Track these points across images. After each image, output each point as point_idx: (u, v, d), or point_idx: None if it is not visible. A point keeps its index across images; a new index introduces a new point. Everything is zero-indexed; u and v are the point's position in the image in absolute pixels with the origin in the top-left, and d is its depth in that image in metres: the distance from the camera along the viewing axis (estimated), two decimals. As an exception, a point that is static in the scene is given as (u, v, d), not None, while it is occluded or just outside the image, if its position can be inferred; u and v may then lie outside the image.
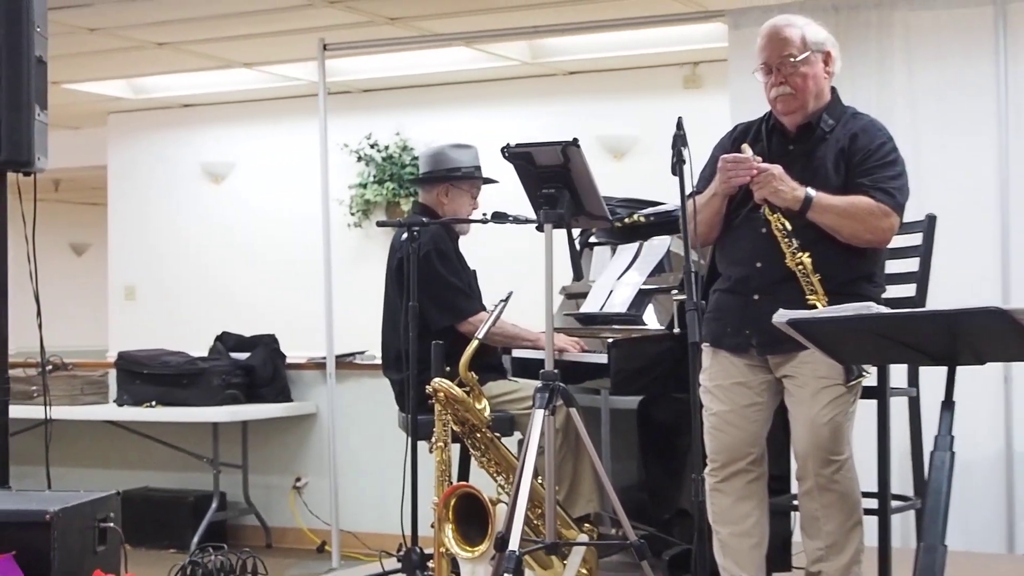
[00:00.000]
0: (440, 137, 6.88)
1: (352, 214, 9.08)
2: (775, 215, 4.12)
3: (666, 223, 5.23)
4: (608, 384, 5.16)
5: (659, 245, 5.30)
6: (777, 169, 4.14)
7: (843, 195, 4.18)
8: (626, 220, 5.38)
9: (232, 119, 9.74)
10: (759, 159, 4.16)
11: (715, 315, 4.32)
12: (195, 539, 7.70)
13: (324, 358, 7.59)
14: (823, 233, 4.14)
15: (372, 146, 9.07)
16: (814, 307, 3.96)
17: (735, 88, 6.48)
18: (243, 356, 8.37)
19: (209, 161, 9.73)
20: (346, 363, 7.83)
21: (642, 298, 5.20)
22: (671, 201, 3.86)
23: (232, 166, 9.73)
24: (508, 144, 4.22)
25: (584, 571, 4.34)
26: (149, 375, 8.24)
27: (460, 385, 4.43)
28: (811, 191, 4.13)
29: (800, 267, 4.07)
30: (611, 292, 5.31)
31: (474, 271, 5.61)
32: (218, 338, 8.55)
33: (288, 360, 8.48)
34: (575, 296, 5.68)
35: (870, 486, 4.37)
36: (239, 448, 8.48)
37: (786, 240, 4.09)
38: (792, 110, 4.30)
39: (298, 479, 8.51)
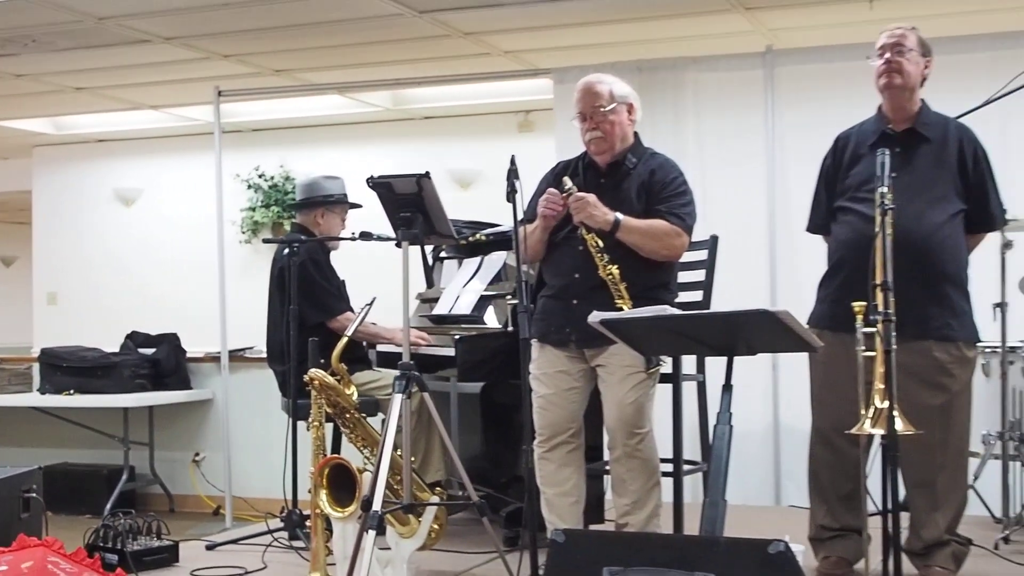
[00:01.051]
0: (316, 169, 6.89)
1: (243, 232, 8.97)
2: (590, 235, 4.17)
3: (502, 241, 5.28)
4: (456, 373, 5.17)
5: (497, 259, 5.35)
6: (591, 197, 4.19)
7: (645, 219, 4.26)
8: (470, 239, 5.40)
9: (141, 152, 9.57)
10: (576, 189, 4.22)
11: (542, 316, 4.35)
12: (108, 506, 7.65)
13: (219, 352, 7.51)
14: (629, 249, 4.19)
15: (260, 176, 8.98)
16: (621, 309, 4.02)
17: (559, 132, 6.56)
18: (150, 351, 8.38)
19: (121, 187, 9.56)
20: (237, 356, 7.80)
21: (483, 302, 5.23)
22: (506, 223, 3.90)
23: (141, 191, 9.57)
24: (372, 176, 4.22)
25: (436, 527, 4.34)
26: (68, 367, 8.22)
27: (332, 375, 4.41)
28: (619, 215, 4.18)
29: (610, 277, 4.12)
30: (458, 297, 5.33)
31: (343, 280, 5.61)
32: (128, 336, 8.52)
33: (188, 354, 8.46)
34: (428, 300, 5.69)
35: (667, 453, 4.44)
36: (146, 429, 8.42)
37: (599, 255, 4.14)
38: (603, 151, 4.35)
39: (197, 454, 8.44)
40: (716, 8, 6.30)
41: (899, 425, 3.40)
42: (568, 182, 4.23)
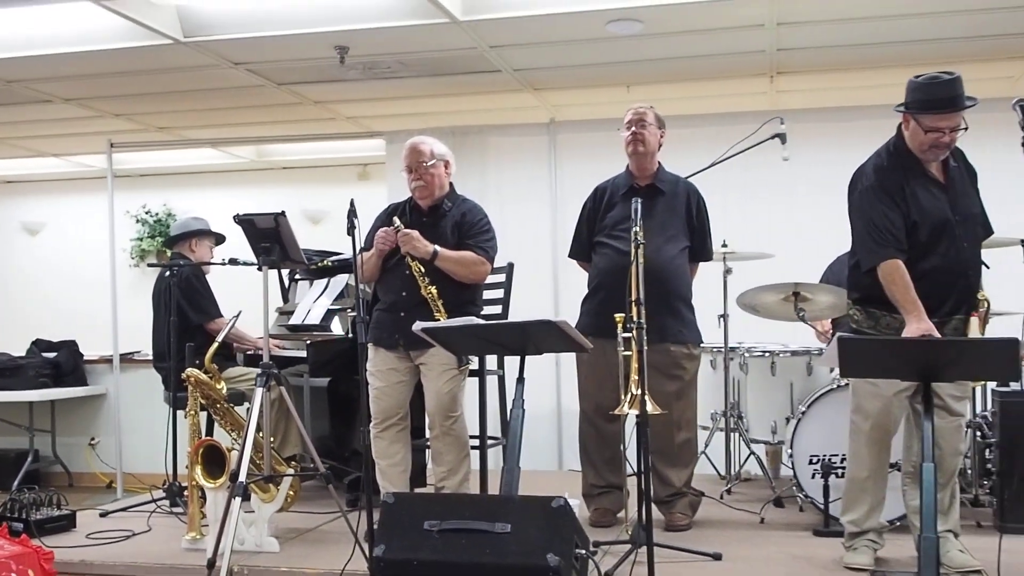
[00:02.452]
0: (193, 208, 6.71)
1: (132, 258, 8.61)
2: (414, 263, 4.16)
3: (344, 266, 5.21)
4: (308, 370, 5.10)
5: (340, 280, 5.27)
6: (415, 233, 4.18)
7: (457, 251, 4.26)
8: (319, 264, 5.31)
9: (44, 191, 9.07)
10: (403, 227, 4.20)
11: (376, 325, 4.31)
12: (15, 483, 7.23)
13: (111, 355, 7.19)
14: (444, 273, 4.20)
15: (146, 213, 8.63)
16: (438, 320, 4.02)
17: (390, 181, 6.51)
18: (52, 355, 8.01)
19: (27, 220, 9.04)
20: (127, 359, 7.51)
21: (329, 315, 5.15)
22: (347, 252, 3.85)
23: (44, 224, 9.06)
24: (238, 213, 4.11)
25: (291, 493, 4.26)
26: (-18, 369, 7.77)
27: (205, 373, 4.28)
28: (437, 248, 4.18)
29: (429, 295, 4.12)
30: (309, 310, 5.23)
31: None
32: (33, 343, 8.14)
33: (85, 357, 8.10)
34: (285, 313, 5.56)
35: (475, 431, 4.45)
36: (49, 419, 8.04)
37: (421, 278, 4.14)
38: (425, 196, 4.34)
39: (93, 438, 8.10)
40: (511, 88, 6.39)
41: (649, 407, 3.48)
42: (397, 221, 4.22)
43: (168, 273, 5.17)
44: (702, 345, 4.44)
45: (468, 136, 6.59)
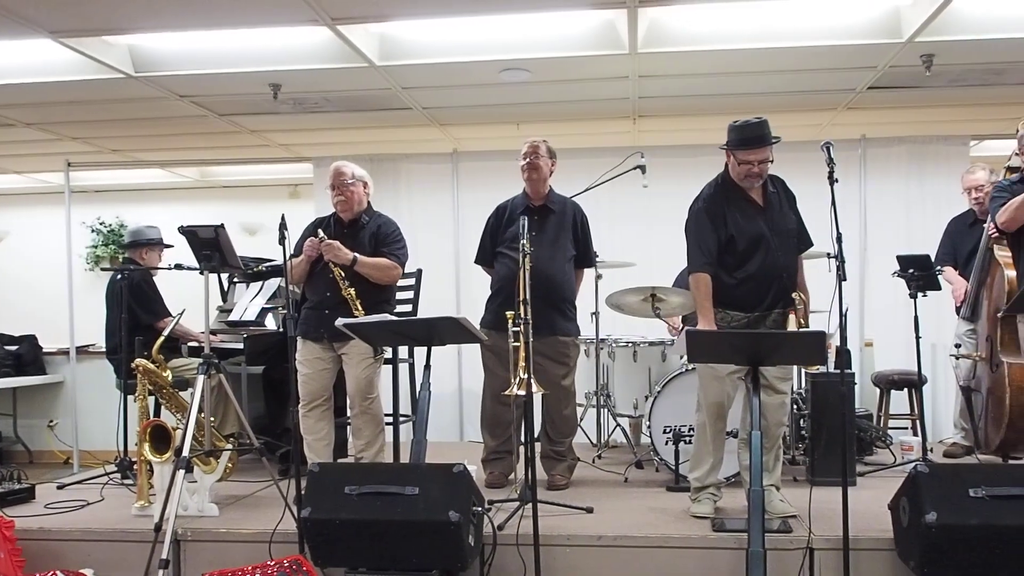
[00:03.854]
0: (142, 220, 6.44)
1: (87, 263, 8.23)
2: (336, 268, 4.10)
3: (277, 271, 5.09)
4: (245, 359, 4.97)
5: (273, 283, 5.15)
6: (336, 243, 4.13)
7: (375, 257, 4.22)
8: (255, 269, 5.18)
9: (8, 204, 8.59)
10: (327, 238, 4.13)
11: (304, 321, 4.23)
12: (-21, 462, 6.84)
13: (68, 347, 6.86)
14: (363, 277, 4.15)
15: (101, 224, 8.26)
16: (357, 317, 3.97)
17: (317, 199, 6.39)
18: (14, 348, 7.58)
19: (-7, 229, 8.59)
20: (83, 351, 7.15)
21: (264, 312, 5.03)
22: (279, 259, 3.77)
23: (8, 232, 8.59)
24: (183, 225, 3.99)
25: (229, 465, 4.14)
26: (-51, 360, 7.32)
27: (153, 362, 4.12)
28: (356, 255, 4.13)
29: (349, 296, 4.07)
30: (246, 308, 5.10)
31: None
32: (-3, 336, 7.69)
33: (45, 349, 7.71)
34: (225, 311, 5.41)
35: (390, 410, 4.41)
36: (11, 403, 7.59)
37: (342, 281, 4.08)
38: (345, 210, 4.29)
39: (51, 420, 7.70)
40: (421, 123, 6.36)
41: (534, 388, 3.50)
42: (321, 233, 4.15)
43: (119, 276, 4.98)
44: (580, 337, 4.49)
45: (384, 163, 6.52)
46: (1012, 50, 4.92)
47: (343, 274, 4.09)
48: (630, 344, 5.02)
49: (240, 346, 4.97)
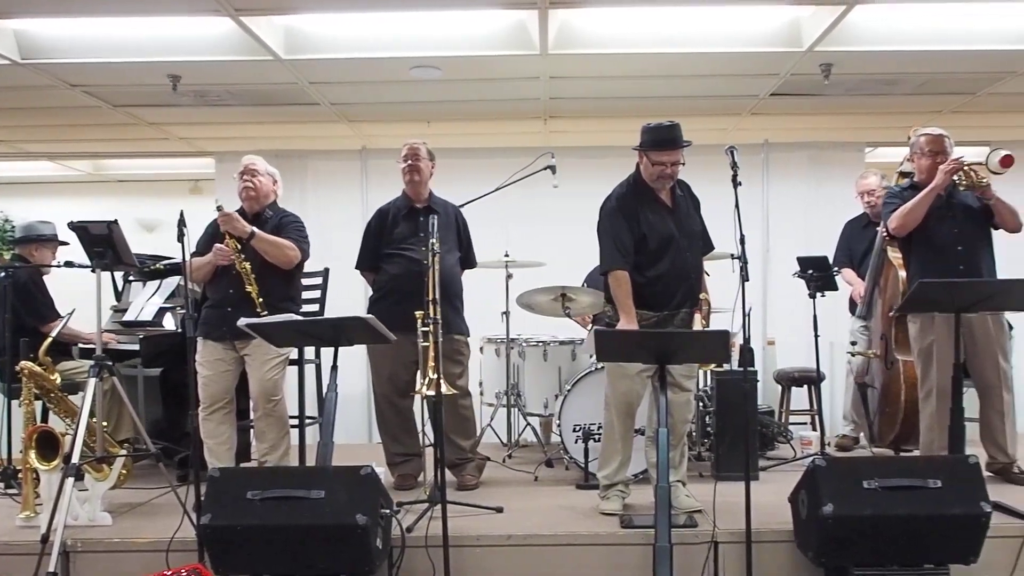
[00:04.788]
0: (31, 216, 6.11)
1: (-28, 261, 7.81)
2: (241, 265, 3.98)
3: (176, 269, 4.92)
4: (141, 361, 4.78)
5: (172, 281, 4.98)
6: (234, 214, 4.05)
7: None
8: (153, 267, 5.00)
9: None
10: (224, 207, 4.01)
11: (206, 321, 4.09)
12: None
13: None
14: (268, 273, 4.05)
15: (-13, 219, 7.88)
16: (259, 315, 3.87)
17: (220, 191, 6.21)
18: None
19: None
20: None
21: (162, 312, 4.86)
22: (178, 257, 3.64)
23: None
24: (73, 220, 3.81)
25: (123, 471, 3.95)
26: None
27: (40, 365, 3.93)
28: (255, 229, 4.03)
29: (250, 294, 3.97)
30: (142, 308, 4.91)
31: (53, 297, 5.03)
32: None
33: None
34: (120, 311, 5.20)
35: (295, 411, 4.32)
36: None
37: (247, 277, 3.98)
38: (251, 199, 4.21)
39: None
40: (329, 119, 6.27)
41: (444, 388, 3.49)
42: (218, 201, 4.06)
43: (3, 275, 4.71)
44: (488, 337, 4.49)
45: (291, 159, 6.38)
46: (904, 62, 5.18)
47: (247, 268, 3.98)
48: (540, 344, 5.05)
49: (136, 347, 4.79)
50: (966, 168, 4.03)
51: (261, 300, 3.96)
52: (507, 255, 5.08)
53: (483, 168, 5.19)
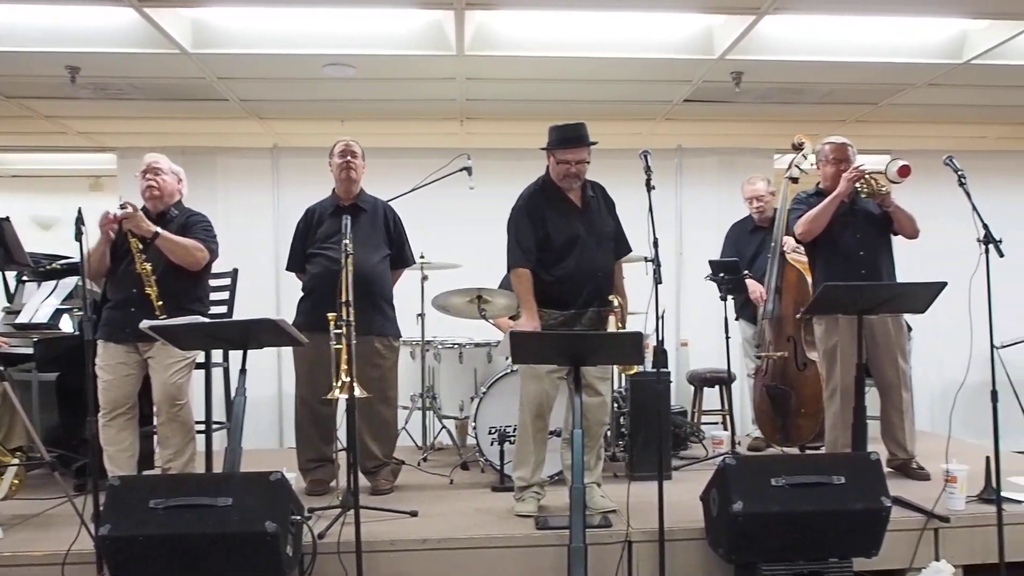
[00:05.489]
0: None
1: None
2: (143, 265, 3.85)
3: (73, 269, 4.73)
4: (35, 365, 4.57)
5: (70, 282, 4.77)
6: (140, 212, 3.91)
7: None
8: (48, 266, 4.79)
9: None
10: (129, 204, 3.88)
11: (107, 322, 3.95)
12: None
13: None
14: (173, 274, 3.93)
15: None
16: (158, 318, 3.76)
17: (122, 193, 6.00)
18: None
19: None
20: None
21: (58, 313, 4.65)
22: (76, 256, 3.49)
23: None
24: (-37, 217, 3.62)
25: (16, 482, 3.80)
26: None
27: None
28: (159, 229, 3.92)
29: (150, 296, 3.85)
30: (37, 310, 4.69)
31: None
32: None
33: None
34: (13, 312, 4.96)
35: (202, 416, 4.20)
36: None
37: (147, 278, 3.86)
38: (154, 198, 4.10)
39: None
40: (238, 116, 6.13)
41: (357, 391, 3.45)
42: (123, 199, 3.94)
43: None
44: (402, 339, 4.46)
45: (198, 156, 6.22)
46: (810, 72, 5.37)
47: (148, 269, 3.85)
48: (456, 345, 5.04)
49: (30, 351, 4.57)
50: (867, 176, 4.20)
51: (160, 303, 3.84)
52: (422, 257, 5.05)
53: (398, 168, 5.15)
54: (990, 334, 3.35)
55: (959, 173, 3.58)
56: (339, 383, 3.47)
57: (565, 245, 3.75)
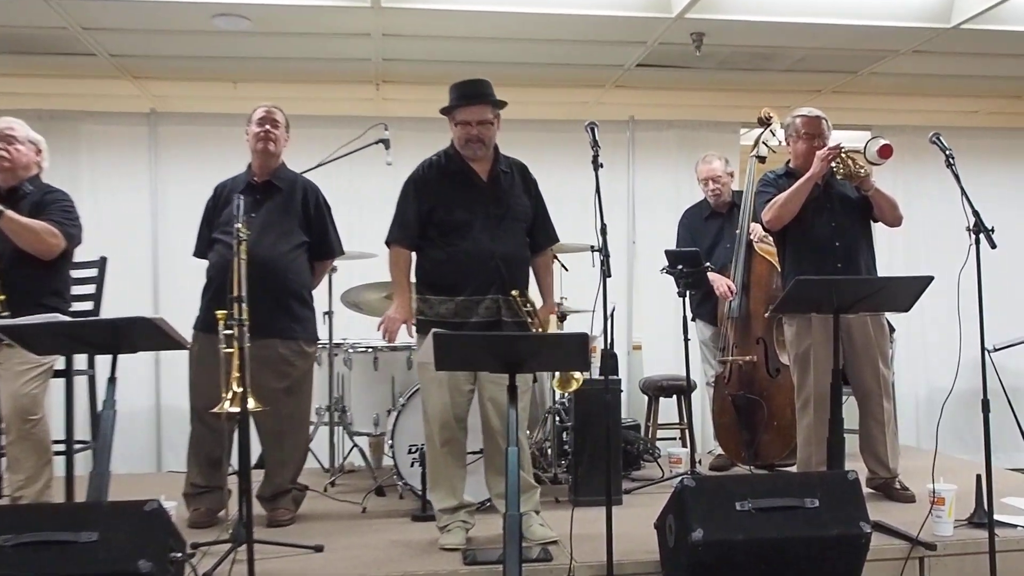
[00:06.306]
0: None
1: None
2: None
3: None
4: None
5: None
6: None
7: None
8: None
9: None
10: None
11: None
12: None
13: None
14: (23, 261, 3.82)
15: None
16: (2, 316, 3.66)
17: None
18: None
19: None
20: None
21: None
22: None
23: None
24: None
25: None
26: None
27: None
28: (4, 208, 3.81)
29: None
30: None
31: None
32: None
33: None
34: None
35: (61, 434, 4.08)
36: None
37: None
38: (4, 170, 4.01)
39: None
40: (108, 74, 5.99)
41: (251, 404, 3.38)
42: None
43: None
44: (317, 343, 4.40)
45: (58, 121, 6.07)
46: (781, 35, 5.47)
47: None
48: (371, 349, 5.00)
49: None
50: (844, 155, 4.28)
51: (4, 298, 3.74)
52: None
53: (302, 140, 5.06)
54: (981, 335, 3.44)
55: (947, 153, 3.66)
56: (229, 394, 3.40)
57: (456, 222, 3.77)
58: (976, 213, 3.48)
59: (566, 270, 5.24)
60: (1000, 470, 4.61)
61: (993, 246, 3.45)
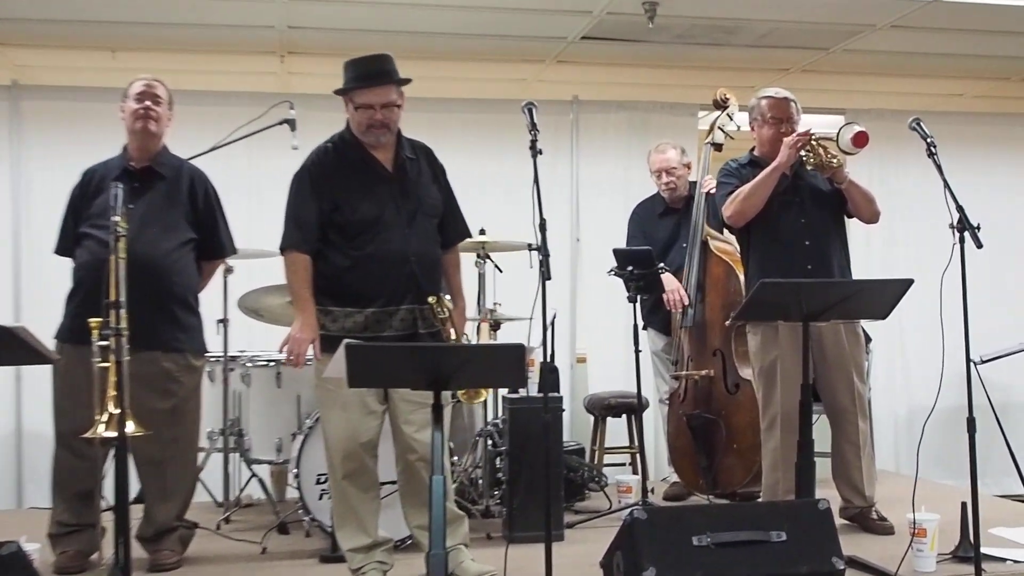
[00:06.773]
0: None
1: None
2: None
3: None
4: None
5: None
6: None
7: None
8: None
9: None
10: None
11: None
12: None
13: None
14: None
15: None
16: None
17: None
18: None
19: None
20: None
21: None
22: None
23: None
24: None
25: None
26: None
27: None
28: None
29: None
30: None
31: None
32: None
33: None
34: None
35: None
36: None
37: None
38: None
39: None
40: (-43, 40, 5.87)
41: (130, 427, 3.31)
42: None
43: None
44: (206, 355, 4.35)
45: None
46: (743, 6, 5.55)
47: None
48: (272, 364, 4.96)
49: None
50: (814, 143, 4.33)
51: None
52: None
53: (191, 119, 5.02)
54: (966, 345, 3.50)
55: (928, 140, 3.73)
56: (105, 415, 3.33)
57: (363, 222, 3.76)
58: (960, 208, 3.54)
59: (500, 271, 5.24)
60: (988, 497, 4.72)
61: (979, 245, 3.51)
